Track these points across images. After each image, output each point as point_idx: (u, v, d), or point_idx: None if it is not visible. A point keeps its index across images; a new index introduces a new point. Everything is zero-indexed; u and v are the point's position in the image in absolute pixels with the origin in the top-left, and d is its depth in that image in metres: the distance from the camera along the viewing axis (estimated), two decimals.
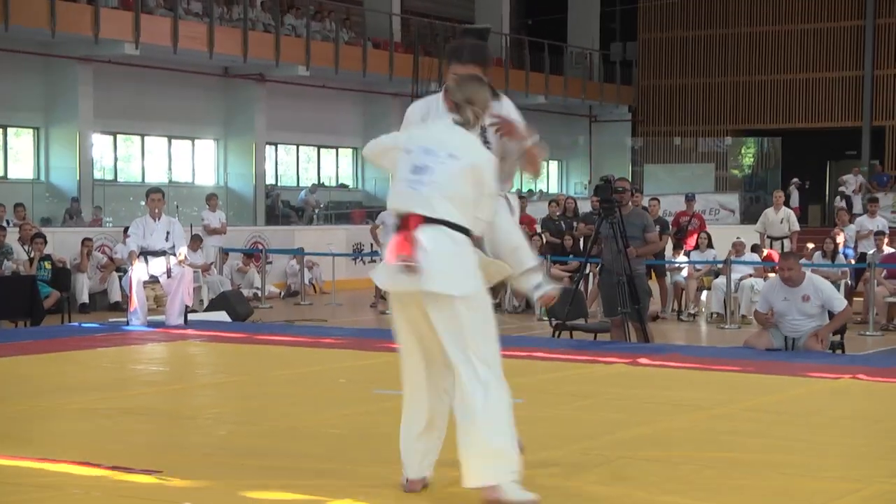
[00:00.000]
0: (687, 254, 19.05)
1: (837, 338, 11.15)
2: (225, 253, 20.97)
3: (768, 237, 19.86)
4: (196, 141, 27.51)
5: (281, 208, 27.84)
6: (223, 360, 10.71)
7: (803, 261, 14.47)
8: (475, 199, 5.16)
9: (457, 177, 5.12)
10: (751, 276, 17.48)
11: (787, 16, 36.07)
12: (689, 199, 21.13)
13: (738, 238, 18.73)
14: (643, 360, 10.23)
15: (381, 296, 19.79)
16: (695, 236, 19.34)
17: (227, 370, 10.05)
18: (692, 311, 18.05)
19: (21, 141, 24.75)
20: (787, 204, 22.54)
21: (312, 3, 28.89)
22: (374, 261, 20.29)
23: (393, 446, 6.21)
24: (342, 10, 29.75)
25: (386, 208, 5.45)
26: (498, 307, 19.01)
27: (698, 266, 18.43)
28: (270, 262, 21.58)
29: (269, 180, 28.88)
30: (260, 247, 21.87)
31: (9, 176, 24.24)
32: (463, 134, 5.29)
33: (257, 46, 25.85)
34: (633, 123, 38.53)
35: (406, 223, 5.10)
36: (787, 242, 19.50)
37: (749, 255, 18.42)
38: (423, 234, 5.04)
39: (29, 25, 21.98)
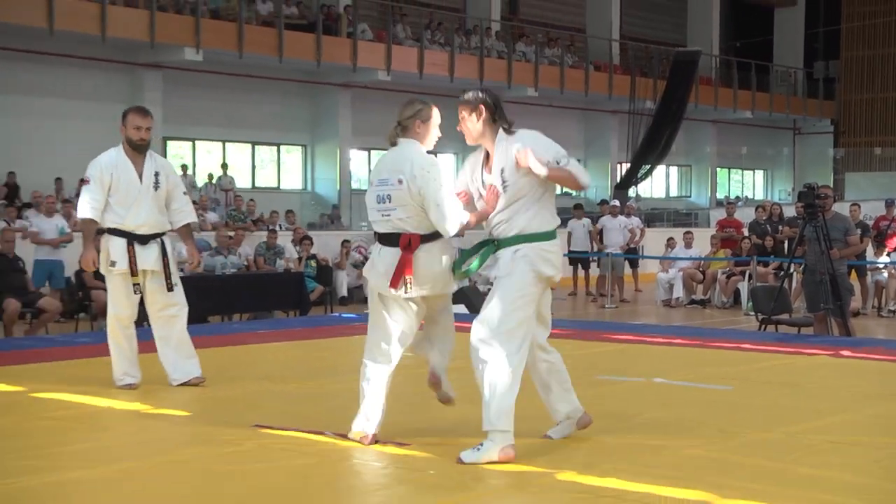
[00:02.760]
0: (888, 255, 18.35)
1: None
2: (462, 252, 21.20)
3: None
4: (438, 154, 27.80)
5: None
6: (462, 347, 10.79)
7: None
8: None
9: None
10: None
11: None
12: (889, 204, 20.32)
13: None
14: (845, 353, 9.87)
15: (600, 292, 19.70)
16: (895, 238, 18.63)
17: (465, 356, 10.13)
18: (892, 308, 17.37)
19: (291, 157, 25.62)
20: None
21: (540, 31, 28.97)
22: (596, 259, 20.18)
23: (616, 424, 6.19)
24: (567, 37, 29.74)
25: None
26: (707, 303, 18.70)
27: None
28: None
29: None
30: None
31: (281, 186, 25.13)
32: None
33: (492, 71, 26.07)
34: (834, 135, 37.31)
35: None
36: None
37: None
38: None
39: (298, 58, 22.73)
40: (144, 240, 7.50)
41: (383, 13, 25.81)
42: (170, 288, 7.63)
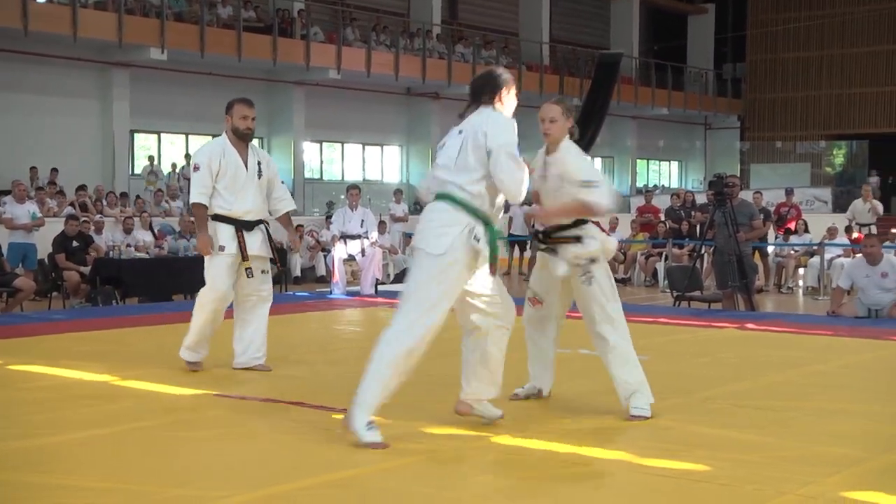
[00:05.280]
0: (787, 234, 18.63)
1: None
2: (408, 237, 21.15)
3: (856, 224, 19.19)
4: (384, 147, 27.83)
5: None
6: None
7: (887, 244, 13.95)
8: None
9: None
10: (840, 256, 16.97)
11: (872, 38, 34.87)
12: (789, 192, 20.65)
13: (833, 224, 18.23)
14: (750, 326, 10.00)
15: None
16: (793, 223, 18.87)
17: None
18: (790, 285, 17.60)
19: None
20: None
21: (478, 34, 28.94)
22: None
23: (564, 396, 6.19)
24: (501, 40, 29.74)
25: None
26: (628, 281, 18.84)
27: (796, 247, 17.95)
28: None
29: None
30: None
31: None
32: None
33: (433, 70, 26.02)
34: (741, 130, 37.70)
35: None
36: (873, 229, 18.81)
37: (839, 239, 17.89)
38: None
39: (256, 57, 22.52)
40: (250, 226, 7.14)
41: (334, 17, 25.63)
42: (265, 272, 7.27)
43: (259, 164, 7.22)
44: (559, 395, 6.22)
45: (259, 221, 7.23)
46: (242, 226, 7.10)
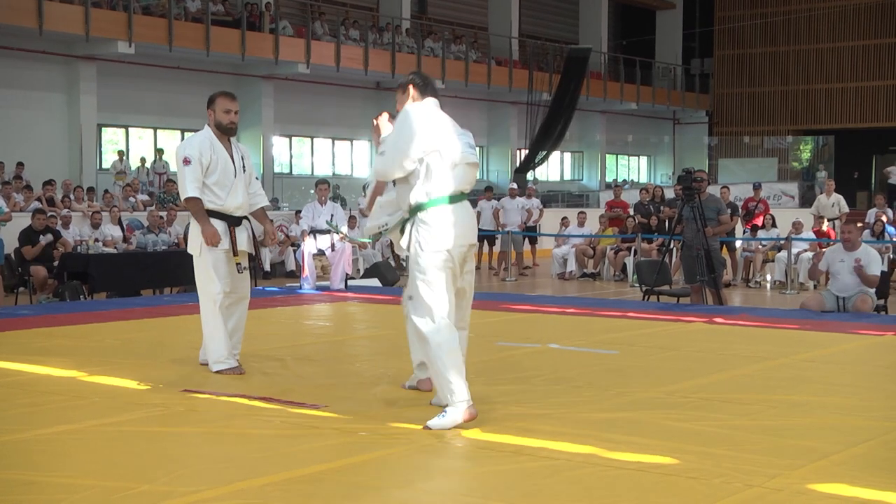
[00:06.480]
0: (754, 230, 18.74)
1: (882, 301, 10.90)
2: None
3: (826, 219, 19.34)
4: (354, 142, 27.76)
5: None
6: (376, 317, 10.80)
7: None
8: None
9: None
10: (806, 250, 17.11)
11: (838, 34, 35.20)
12: (756, 187, 20.74)
13: (797, 219, 18.35)
14: (718, 320, 10.06)
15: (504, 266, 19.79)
16: (761, 217, 18.99)
17: (379, 325, 10.13)
18: (758, 279, 17.72)
19: None
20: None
21: (447, 29, 28.92)
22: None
23: (514, 386, 6.21)
24: (471, 35, 29.74)
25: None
26: (597, 276, 18.90)
27: (764, 242, 18.08)
28: None
29: None
30: None
31: None
32: None
33: (403, 65, 25.97)
34: (709, 125, 37.94)
35: None
36: (837, 223, 18.99)
37: (806, 234, 18.03)
38: None
39: (224, 51, 22.40)
40: (239, 222, 6.98)
41: (303, 11, 25.56)
42: (245, 268, 7.05)
43: (242, 158, 7.11)
44: (527, 390, 6.24)
45: (245, 217, 7.11)
46: (233, 222, 6.96)
